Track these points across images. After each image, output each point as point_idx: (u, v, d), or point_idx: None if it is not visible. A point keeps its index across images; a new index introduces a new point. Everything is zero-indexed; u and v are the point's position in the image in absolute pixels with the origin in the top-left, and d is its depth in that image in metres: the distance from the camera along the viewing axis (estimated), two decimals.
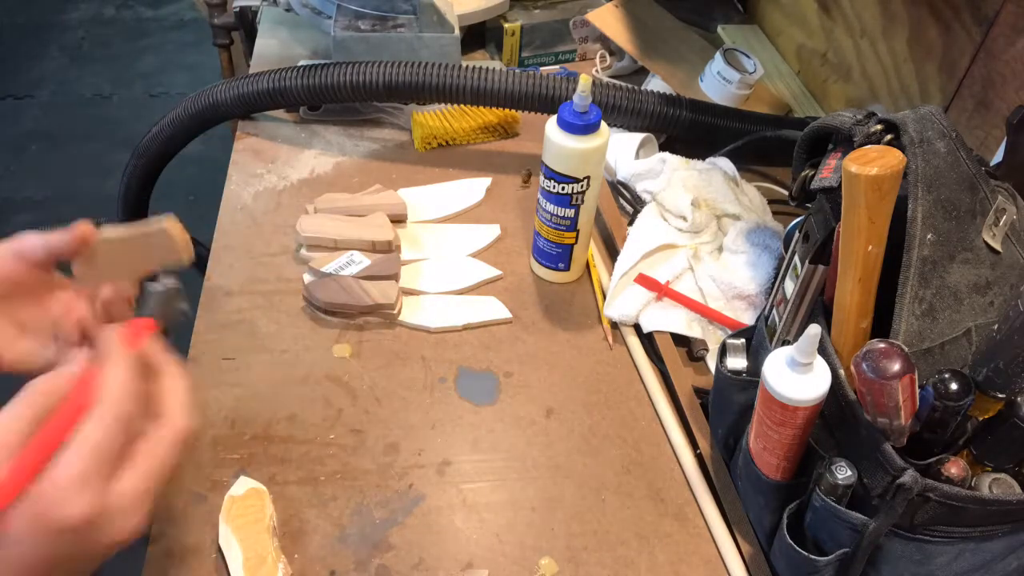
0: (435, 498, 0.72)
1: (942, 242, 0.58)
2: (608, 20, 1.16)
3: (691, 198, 0.88)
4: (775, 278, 0.81)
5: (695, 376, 0.82)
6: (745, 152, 1.01)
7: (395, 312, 0.85)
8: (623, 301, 0.85)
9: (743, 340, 0.74)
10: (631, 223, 0.92)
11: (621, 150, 0.99)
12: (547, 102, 0.97)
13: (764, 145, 1.01)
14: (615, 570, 0.68)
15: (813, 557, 0.60)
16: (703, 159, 1.02)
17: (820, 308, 0.65)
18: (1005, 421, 0.55)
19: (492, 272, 0.92)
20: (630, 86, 1.00)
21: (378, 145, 1.09)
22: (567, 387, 0.82)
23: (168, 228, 0.59)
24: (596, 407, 0.80)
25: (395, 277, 0.87)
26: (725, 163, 0.97)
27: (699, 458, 0.76)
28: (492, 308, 0.88)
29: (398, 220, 0.95)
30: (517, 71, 0.97)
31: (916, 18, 0.95)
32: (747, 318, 0.83)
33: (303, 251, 0.91)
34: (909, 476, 0.52)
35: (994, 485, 0.55)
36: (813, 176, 0.70)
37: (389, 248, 0.90)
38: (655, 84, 1.12)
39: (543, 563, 0.68)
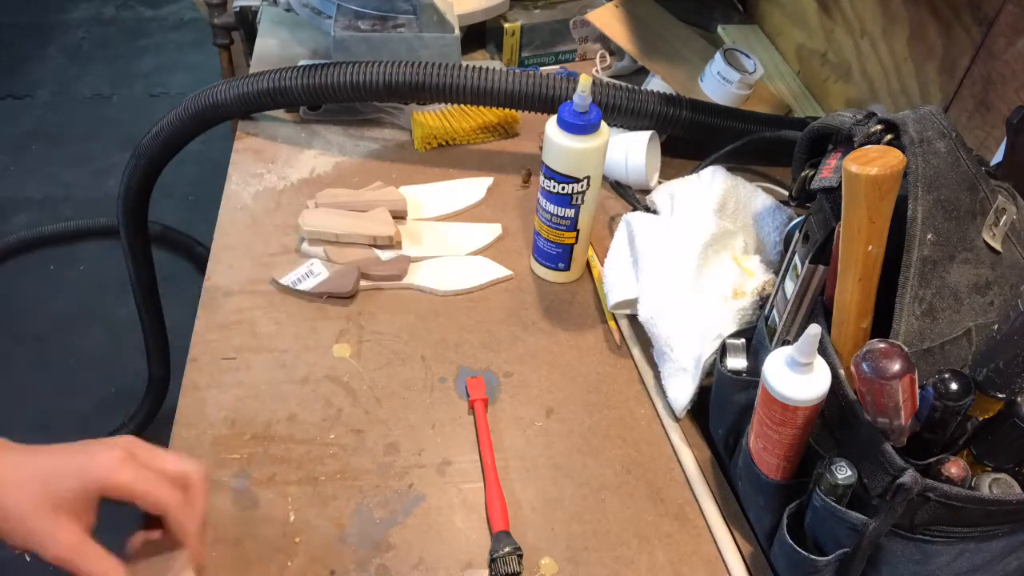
0: (435, 498, 0.72)
1: (942, 242, 0.58)
2: (608, 20, 1.16)
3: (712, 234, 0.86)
4: (779, 265, 0.80)
5: None
6: (745, 152, 1.01)
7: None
8: (619, 285, 0.85)
9: (743, 340, 0.74)
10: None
11: (631, 149, 0.99)
12: (547, 102, 0.97)
13: (764, 145, 1.01)
14: (615, 570, 0.68)
15: (813, 557, 0.60)
16: (701, 159, 1.02)
17: (820, 308, 0.65)
18: (1005, 421, 0.55)
19: (502, 272, 0.92)
20: (630, 86, 1.00)
21: (378, 145, 1.09)
22: (567, 387, 0.82)
23: None
24: (596, 407, 0.80)
25: (402, 276, 0.89)
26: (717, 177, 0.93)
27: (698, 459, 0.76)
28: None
29: (398, 216, 0.95)
30: (517, 71, 0.97)
31: (916, 18, 0.95)
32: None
33: (305, 245, 0.91)
34: (909, 476, 0.52)
35: (994, 485, 0.55)
36: (813, 176, 0.70)
37: (390, 243, 0.91)
38: (655, 84, 1.12)
39: (543, 563, 0.68)
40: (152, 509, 0.56)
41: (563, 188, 0.82)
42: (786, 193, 0.99)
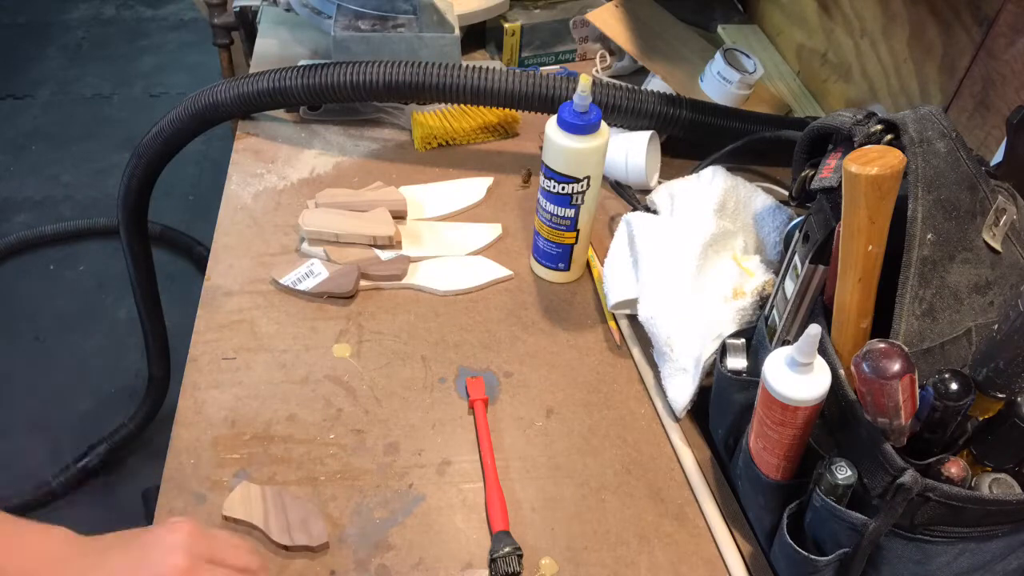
0: (435, 498, 0.72)
1: (942, 242, 0.58)
2: (608, 20, 1.16)
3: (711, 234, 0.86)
4: (779, 265, 0.80)
5: None
6: (745, 152, 1.01)
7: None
8: (619, 285, 0.85)
9: (743, 340, 0.74)
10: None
11: (631, 149, 0.99)
12: (547, 102, 0.97)
13: (764, 145, 1.01)
14: (615, 570, 0.68)
15: (813, 557, 0.60)
16: (701, 159, 1.02)
17: (820, 308, 0.65)
18: (1005, 421, 0.55)
19: (502, 272, 0.92)
20: (630, 86, 1.00)
21: (378, 145, 1.09)
22: (567, 387, 0.82)
23: None
24: (596, 407, 0.80)
25: (402, 276, 0.89)
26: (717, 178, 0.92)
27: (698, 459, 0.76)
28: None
29: (398, 216, 0.95)
30: (517, 71, 0.97)
31: (916, 18, 0.96)
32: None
33: (305, 245, 0.91)
34: (909, 476, 0.52)
35: (994, 485, 0.55)
36: (813, 176, 0.70)
37: (390, 243, 0.91)
38: (655, 84, 1.12)
39: (543, 563, 0.68)
40: None
41: (563, 188, 0.82)
42: (786, 193, 0.99)
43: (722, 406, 0.73)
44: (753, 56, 1.08)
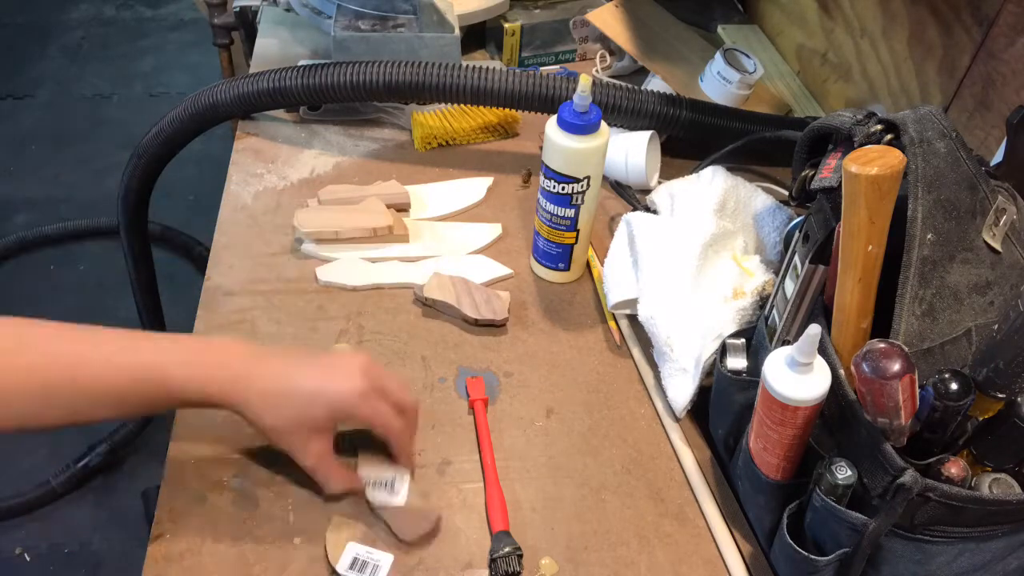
0: (435, 498, 0.72)
1: (942, 242, 0.58)
2: (608, 20, 1.16)
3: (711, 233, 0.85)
4: (779, 265, 0.80)
5: None
6: (745, 152, 1.01)
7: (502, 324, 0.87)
8: (619, 285, 0.86)
9: (743, 340, 0.74)
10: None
11: (631, 149, 0.99)
12: (547, 102, 0.97)
13: (764, 145, 1.01)
14: (615, 570, 0.68)
15: (813, 557, 0.60)
16: (701, 159, 1.02)
17: (820, 308, 0.65)
18: (1005, 421, 0.55)
19: (503, 270, 0.92)
20: (630, 86, 1.00)
21: (378, 145, 1.09)
22: (567, 387, 0.82)
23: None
24: (596, 407, 0.80)
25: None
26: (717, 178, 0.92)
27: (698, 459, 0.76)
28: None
29: (401, 209, 0.95)
30: (517, 71, 0.97)
31: (916, 18, 0.96)
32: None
33: (306, 244, 0.91)
34: (909, 476, 0.52)
35: (994, 485, 0.55)
36: (813, 176, 0.70)
37: (390, 232, 0.91)
38: (655, 84, 1.12)
39: (543, 563, 0.68)
40: (380, 434, 0.69)
41: (563, 188, 0.82)
42: (786, 193, 0.99)
43: (722, 406, 0.73)
44: (753, 56, 1.08)
